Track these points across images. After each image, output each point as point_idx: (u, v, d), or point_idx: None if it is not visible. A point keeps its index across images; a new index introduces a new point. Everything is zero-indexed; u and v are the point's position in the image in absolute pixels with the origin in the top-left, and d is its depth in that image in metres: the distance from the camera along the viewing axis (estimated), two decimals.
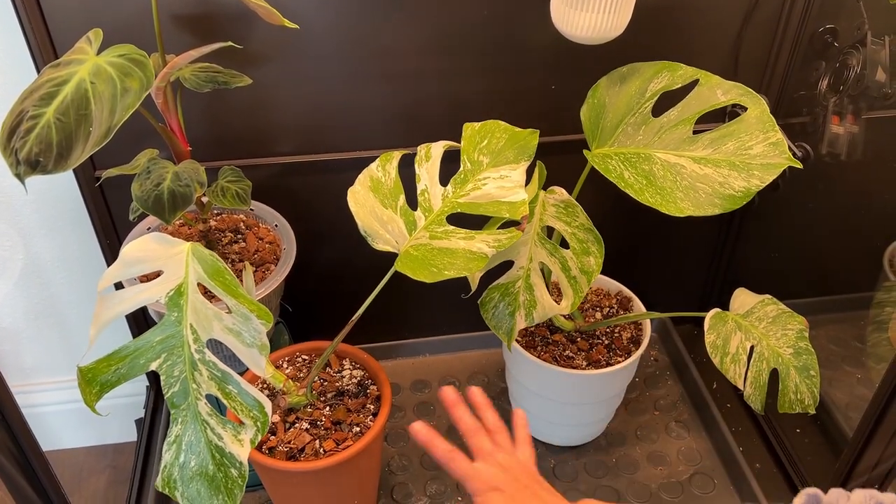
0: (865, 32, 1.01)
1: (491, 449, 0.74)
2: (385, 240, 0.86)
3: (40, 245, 1.23)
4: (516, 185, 0.88)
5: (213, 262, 0.74)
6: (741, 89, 0.88)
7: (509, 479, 0.71)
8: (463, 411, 0.77)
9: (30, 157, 0.67)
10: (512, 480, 0.71)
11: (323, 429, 0.94)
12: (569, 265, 0.96)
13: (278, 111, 1.08)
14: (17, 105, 0.70)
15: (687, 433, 1.23)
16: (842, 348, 1.25)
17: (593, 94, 0.95)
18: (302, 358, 1.04)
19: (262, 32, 1.00)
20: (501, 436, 0.77)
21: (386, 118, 1.11)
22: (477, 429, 0.76)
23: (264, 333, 0.75)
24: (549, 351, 1.11)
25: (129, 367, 0.75)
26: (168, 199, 0.82)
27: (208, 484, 0.76)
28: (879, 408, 0.86)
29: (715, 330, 0.96)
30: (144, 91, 0.70)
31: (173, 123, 0.88)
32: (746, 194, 0.85)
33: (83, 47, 0.74)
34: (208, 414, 0.76)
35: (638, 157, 0.90)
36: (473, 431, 0.76)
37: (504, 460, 0.73)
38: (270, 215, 1.08)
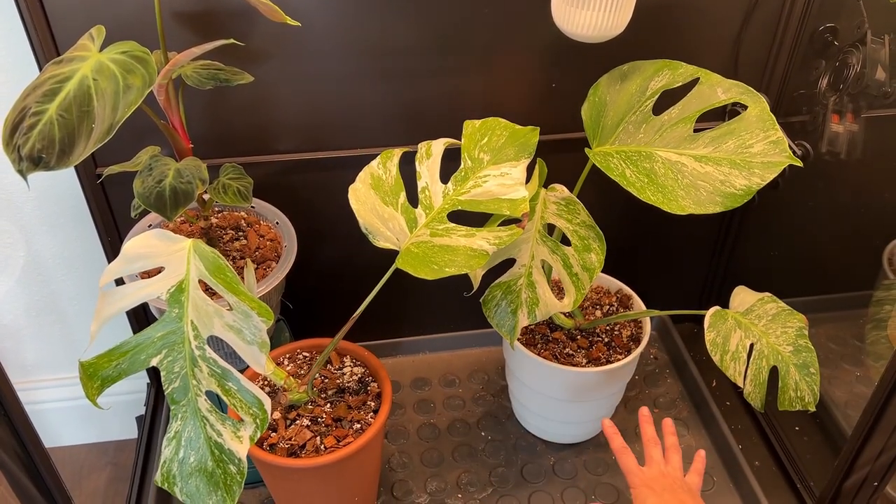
0: (865, 31, 1.01)
1: (660, 459, 0.91)
2: (386, 237, 0.86)
3: (42, 242, 1.23)
4: (517, 183, 0.89)
5: (214, 259, 0.74)
6: (741, 88, 0.88)
7: (665, 483, 0.87)
8: (649, 425, 0.96)
9: (32, 153, 0.67)
10: (666, 485, 0.86)
11: (324, 425, 0.94)
12: (570, 262, 0.96)
13: (280, 109, 1.08)
14: (20, 102, 0.70)
15: (686, 431, 1.23)
16: (841, 347, 1.25)
17: (594, 93, 0.96)
18: (303, 355, 1.05)
19: (263, 30, 1.01)
20: (674, 457, 0.92)
21: (387, 116, 1.11)
22: (654, 440, 0.93)
23: (265, 331, 0.75)
24: (550, 349, 1.12)
25: (130, 363, 0.75)
26: (170, 196, 0.82)
27: (207, 480, 0.76)
28: (878, 405, 0.86)
29: (715, 328, 0.96)
30: (147, 88, 0.70)
31: (175, 121, 0.89)
32: (747, 192, 0.85)
33: (86, 44, 0.74)
34: (208, 410, 0.76)
35: (639, 155, 0.91)
36: (650, 441, 0.93)
37: (667, 471, 0.90)
38: (271, 213, 1.08)
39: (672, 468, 0.90)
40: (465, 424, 1.24)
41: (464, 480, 1.14)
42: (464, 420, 1.24)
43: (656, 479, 0.87)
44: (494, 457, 1.18)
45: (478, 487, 1.13)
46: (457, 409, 1.27)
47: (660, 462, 0.90)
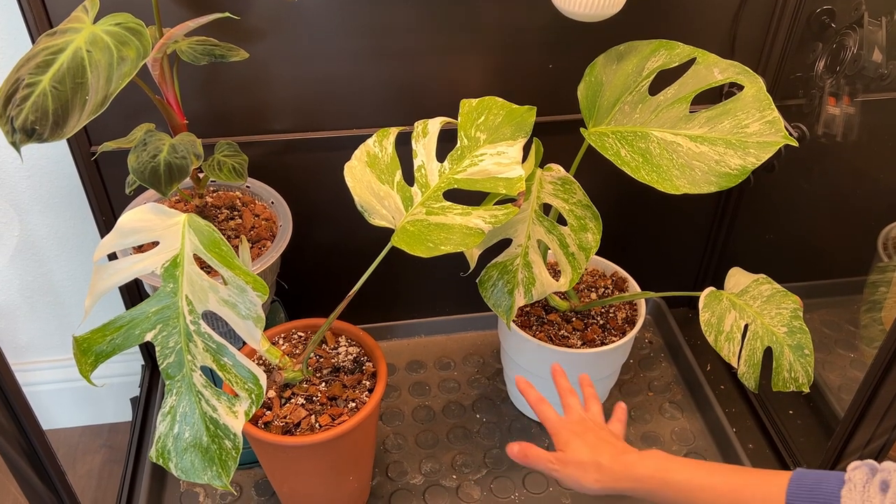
0: (862, 13, 1.01)
1: (578, 406, 0.90)
2: (381, 215, 0.86)
3: (36, 221, 1.23)
4: (513, 162, 0.89)
5: (209, 233, 0.74)
6: (738, 68, 0.88)
7: (586, 426, 0.86)
8: (563, 378, 0.94)
9: (25, 125, 0.67)
10: (587, 429, 0.85)
11: (318, 404, 0.94)
12: (567, 242, 0.96)
13: (275, 87, 1.08)
14: (13, 73, 0.70)
15: (681, 414, 1.24)
16: (835, 331, 1.25)
17: (590, 73, 0.95)
18: (298, 335, 1.04)
19: (260, 7, 1.00)
20: (594, 405, 0.91)
21: (384, 95, 1.11)
22: (571, 390, 0.92)
23: (260, 305, 0.75)
24: (545, 330, 1.12)
25: (125, 338, 0.75)
26: (164, 171, 0.81)
27: (202, 455, 0.76)
28: (871, 387, 0.87)
29: (709, 308, 0.96)
30: (141, 60, 0.70)
31: (170, 96, 0.88)
32: (742, 172, 0.86)
33: (79, 16, 0.74)
34: (203, 385, 0.76)
35: (634, 135, 0.91)
36: (567, 391, 0.92)
37: (585, 416, 0.88)
38: (267, 192, 1.08)
39: (592, 415, 0.89)
40: (460, 406, 1.24)
41: (458, 462, 1.15)
42: (459, 402, 1.25)
43: (576, 423, 0.86)
44: (489, 438, 1.19)
45: (472, 469, 1.14)
46: (452, 391, 1.27)
47: (578, 409, 0.88)
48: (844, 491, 0.62)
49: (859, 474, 0.63)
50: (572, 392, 0.92)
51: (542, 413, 0.88)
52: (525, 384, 0.92)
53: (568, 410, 0.89)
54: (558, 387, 0.93)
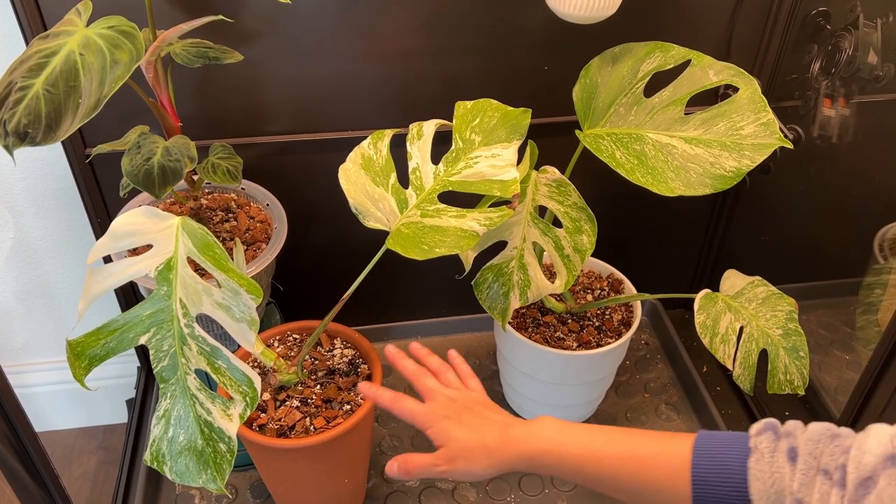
0: (857, 15, 1.01)
1: (437, 386, 0.79)
2: (376, 217, 0.86)
3: (30, 223, 1.23)
4: (508, 164, 0.88)
5: (202, 236, 0.74)
6: (733, 70, 0.88)
7: (457, 407, 0.76)
8: (406, 361, 0.83)
9: (18, 128, 0.67)
10: (461, 408, 0.76)
11: (313, 406, 0.94)
12: (562, 244, 0.96)
13: (270, 89, 1.07)
14: (6, 76, 0.70)
15: (676, 415, 1.24)
16: (831, 333, 1.25)
17: (585, 75, 0.95)
18: (293, 337, 1.04)
19: (253, 8, 1.00)
20: (447, 375, 0.82)
21: (378, 97, 1.11)
22: (421, 371, 0.81)
23: (254, 308, 0.75)
24: (541, 332, 1.12)
25: (119, 341, 0.75)
26: (158, 174, 0.81)
27: (197, 458, 0.76)
28: (866, 389, 0.87)
29: (705, 310, 0.96)
30: (134, 63, 0.70)
31: (164, 99, 0.88)
32: (737, 174, 0.86)
33: (72, 19, 0.74)
34: (197, 388, 0.76)
35: (629, 137, 0.91)
36: (417, 375, 0.81)
37: (451, 394, 0.78)
38: (262, 194, 1.08)
39: (450, 385, 0.80)
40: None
41: None
42: None
43: (445, 406, 0.76)
44: None
45: None
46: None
47: (439, 389, 0.78)
48: (752, 462, 0.59)
49: (765, 441, 0.59)
50: (424, 372, 0.81)
51: (405, 410, 0.77)
52: (371, 390, 0.80)
53: (429, 395, 0.78)
54: (404, 372, 0.82)
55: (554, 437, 0.71)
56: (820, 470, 0.55)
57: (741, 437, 0.61)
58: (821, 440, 0.57)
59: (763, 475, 0.58)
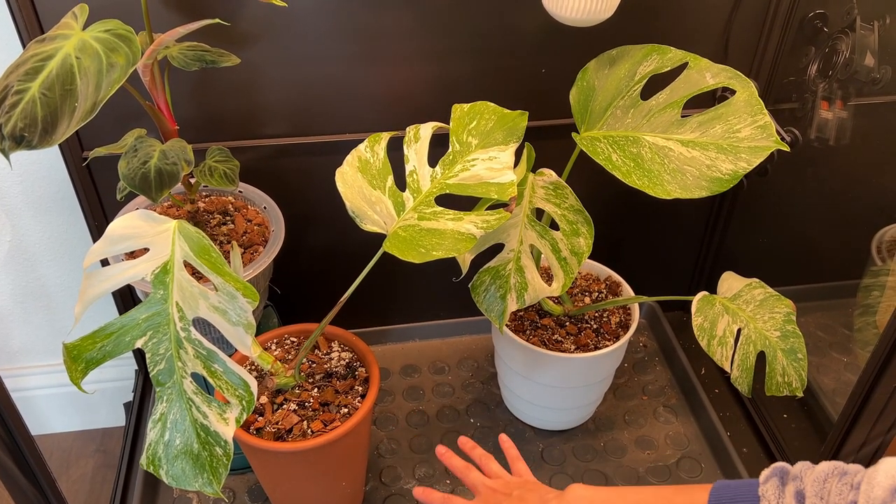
0: (854, 17, 1.01)
1: (482, 479, 0.85)
2: (373, 220, 0.86)
3: (28, 226, 1.23)
4: (505, 167, 0.88)
5: (199, 240, 0.74)
6: (730, 72, 0.88)
7: (498, 496, 0.82)
8: (454, 459, 0.89)
9: (14, 131, 0.67)
10: (501, 497, 0.82)
11: (311, 410, 0.94)
12: (559, 247, 0.96)
13: (266, 92, 1.08)
14: (2, 80, 0.69)
15: (675, 418, 1.24)
16: (829, 335, 1.25)
17: (582, 77, 0.95)
18: (290, 340, 1.04)
19: (250, 12, 1.00)
20: (492, 465, 0.88)
21: (375, 100, 1.11)
22: (466, 467, 0.87)
23: (250, 312, 0.75)
24: (538, 335, 1.12)
25: (115, 345, 0.75)
26: (155, 177, 0.81)
27: (193, 462, 0.76)
28: (864, 390, 0.87)
29: (702, 313, 0.96)
30: (130, 66, 0.70)
31: (160, 102, 0.88)
32: (734, 177, 0.85)
33: (69, 22, 0.74)
34: (193, 392, 0.76)
35: (626, 139, 0.90)
36: (463, 470, 0.87)
37: (493, 484, 0.84)
38: (259, 197, 1.08)
39: (492, 474, 0.86)
40: (454, 411, 1.24)
41: None
42: (453, 407, 1.24)
43: (488, 498, 0.82)
44: (483, 443, 1.17)
45: None
46: (446, 396, 1.27)
47: (482, 483, 0.85)
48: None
49: (771, 489, 0.61)
50: (469, 468, 0.87)
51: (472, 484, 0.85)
52: (423, 493, 0.88)
53: (474, 490, 0.85)
54: (453, 471, 0.89)
55: (584, 500, 0.75)
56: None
57: (752, 485, 0.63)
58: (828, 479, 0.58)
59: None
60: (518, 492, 0.82)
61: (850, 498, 0.55)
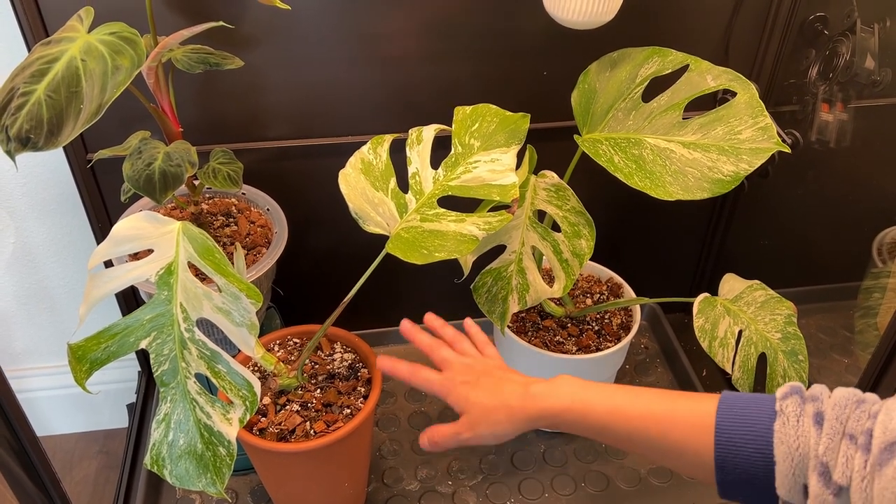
0: (855, 20, 1.02)
1: (453, 356, 0.79)
2: (376, 222, 0.86)
3: (31, 228, 1.23)
4: (507, 169, 0.89)
5: (203, 241, 0.74)
6: (731, 74, 0.89)
7: (475, 372, 0.76)
8: (422, 335, 0.82)
9: (20, 133, 0.67)
10: (479, 374, 0.76)
11: (313, 411, 0.95)
12: (560, 248, 0.97)
13: (270, 95, 1.08)
14: (8, 82, 0.70)
15: None
16: (830, 337, 1.26)
17: (584, 80, 0.96)
18: (293, 341, 1.05)
19: (254, 15, 1.00)
20: (463, 344, 0.82)
21: (378, 102, 1.11)
22: (437, 344, 0.81)
23: (254, 313, 0.75)
24: (540, 336, 1.12)
25: (119, 345, 0.75)
26: (159, 179, 0.82)
27: (197, 462, 0.76)
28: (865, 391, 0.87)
29: (703, 314, 0.97)
30: (135, 69, 0.70)
31: (165, 104, 0.88)
32: (735, 178, 0.86)
33: (74, 25, 0.74)
34: (197, 392, 0.76)
35: (628, 141, 0.91)
36: (433, 347, 0.81)
37: (468, 361, 0.78)
38: (262, 199, 1.08)
39: (466, 353, 0.80)
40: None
41: (454, 468, 1.15)
42: None
43: (462, 372, 0.76)
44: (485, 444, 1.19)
45: (468, 475, 1.14)
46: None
47: (455, 358, 0.78)
48: (777, 425, 0.58)
49: (791, 405, 0.59)
50: (439, 344, 0.81)
51: (420, 378, 0.77)
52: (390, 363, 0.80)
53: (445, 364, 0.78)
54: (420, 345, 0.81)
55: (577, 393, 0.70)
56: (846, 434, 0.55)
57: (767, 399, 0.61)
58: (847, 405, 0.57)
59: (788, 438, 0.57)
60: (498, 372, 0.76)
61: (867, 425, 0.54)
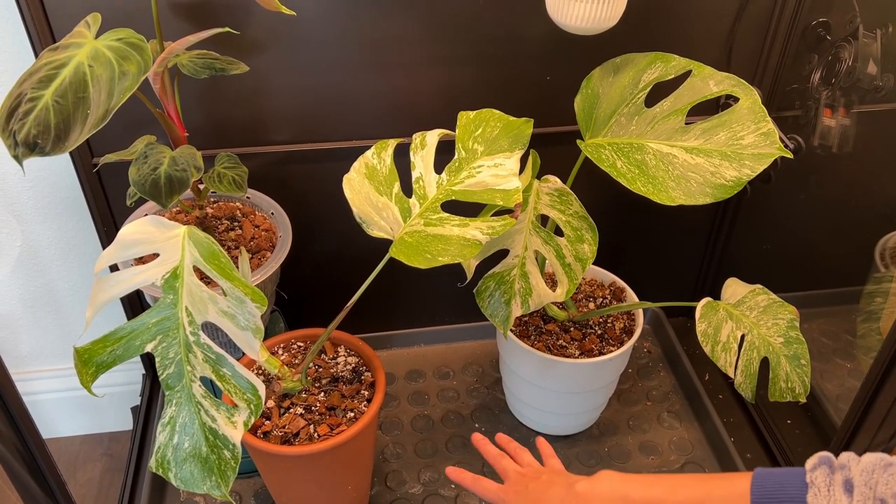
0: (857, 26, 1.02)
1: (511, 466, 0.87)
2: (380, 226, 0.87)
3: (37, 231, 1.24)
4: (510, 174, 0.89)
5: (208, 245, 0.75)
6: (733, 80, 0.89)
7: (526, 480, 0.83)
8: (488, 446, 0.91)
9: (28, 138, 0.68)
10: (530, 480, 0.83)
11: (317, 414, 0.95)
12: (563, 253, 0.97)
13: (275, 99, 1.09)
14: (16, 87, 0.71)
15: (679, 423, 1.24)
16: (833, 341, 1.25)
17: (587, 85, 0.96)
18: (297, 345, 1.05)
19: (259, 20, 1.01)
20: (523, 455, 0.90)
21: (382, 107, 1.12)
22: (499, 455, 0.89)
23: (258, 316, 0.76)
24: (543, 340, 1.12)
25: (125, 349, 0.76)
26: (165, 184, 0.82)
27: (202, 465, 0.77)
28: (867, 396, 0.87)
29: (706, 319, 0.97)
30: (142, 74, 0.71)
31: (171, 109, 0.89)
32: (737, 184, 0.86)
33: (82, 31, 0.75)
34: (202, 396, 0.77)
35: (630, 146, 0.91)
36: (496, 457, 0.89)
37: (522, 470, 0.86)
38: (267, 203, 1.09)
39: (524, 464, 0.88)
40: (459, 416, 1.24)
41: None
42: (458, 412, 1.25)
43: (517, 481, 0.84)
44: None
45: None
46: (451, 400, 1.27)
47: (512, 468, 0.87)
48: (810, 497, 0.60)
49: (820, 476, 0.61)
50: (502, 455, 0.90)
51: (480, 488, 0.86)
52: (457, 473, 0.90)
53: (503, 474, 0.87)
54: (485, 454, 0.91)
55: (618, 489, 0.74)
56: (877, 499, 0.57)
57: (797, 472, 0.63)
58: (875, 470, 0.59)
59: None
60: (547, 475, 0.83)
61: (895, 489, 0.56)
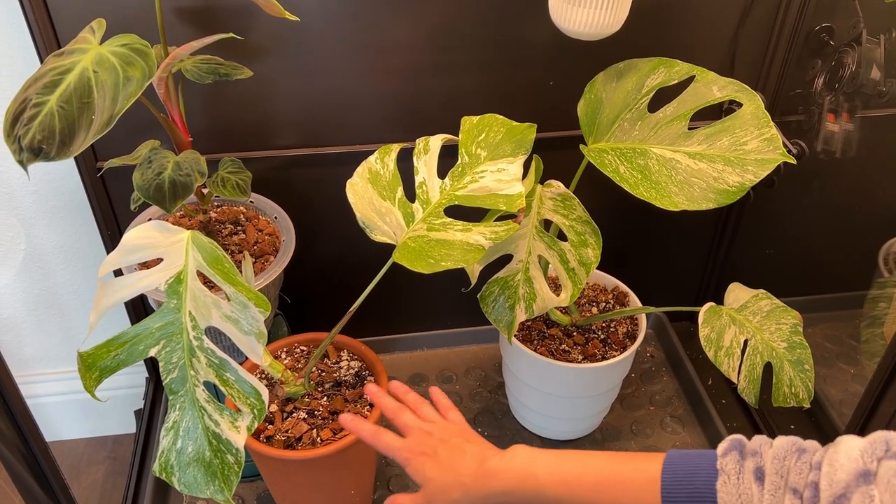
0: (861, 31, 1.02)
1: (414, 422, 0.81)
2: (383, 231, 0.87)
3: (42, 235, 1.24)
4: (513, 178, 0.89)
5: (212, 250, 0.75)
6: (737, 85, 0.89)
7: (433, 441, 0.78)
8: (385, 398, 0.85)
9: (33, 144, 0.68)
10: (438, 442, 0.77)
11: (320, 418, 0.95)
12: (567, 257, 0.97)
13: (278, 104, 1.09)
14: (21, 93, 0.71)
15: (682, 428, 1.24)
16: (836, 346, 1.25)
17: (590, 90, 0.96)
18: (300, 349, 1.05)
19: (263, 26, 1.01)
20: (425, 409, 0.84)
21: (385, 112, 1.12)
22: (399, 408, 0.83)
23: (262, 321, 0.76)
24: (546, 345, 1.12)
25: (129, 353, 0.76)
26: (169, 188, 0.83)
27: (205, 470, 0.77)
28: (871, 401, 0.87)
29: (709, 324, 0.97)
30: (146, 80, 0.71)
31: (175, 114, 0.89)
32: (740, 189, 0.86)
33: (86, 37, 0.75)
34: (206, 400, 0.77)
35: (633, 151, 0.91)
36: (395, 411, 0.83)
37: (427, 427, 0.80)
38: (270, 207, 1.09)
39: (426, 418, 0.81)
40: None
41: None
42: None
43: (421, 442, 0.77)
44: None
45: None
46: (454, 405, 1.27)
47: (416, 424, 0.80)
48: (719, 484, 0.58)
49: (730, 462, 0.59)
50: (402, 409, 0.83)
51: (385, 444, 0.79)
52: (353, 423, 0.83)
53: (406, 431, 0.80)
54: (383, 410, 0.84)
55: (528, 468, 0.72)
56: (788, 488, 0.55)
57: (709, 457, 0.61)
58: (787, 457, 0.57)
59: (731, 497, 0.58)
60: (456, 440, 0.77)
61: (810, 478, 0.54)
